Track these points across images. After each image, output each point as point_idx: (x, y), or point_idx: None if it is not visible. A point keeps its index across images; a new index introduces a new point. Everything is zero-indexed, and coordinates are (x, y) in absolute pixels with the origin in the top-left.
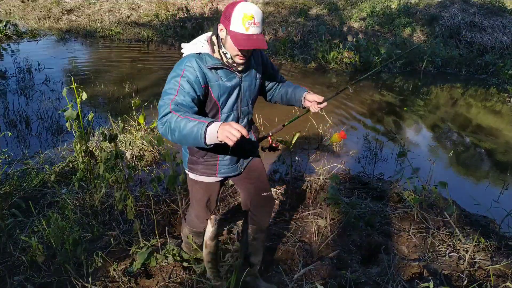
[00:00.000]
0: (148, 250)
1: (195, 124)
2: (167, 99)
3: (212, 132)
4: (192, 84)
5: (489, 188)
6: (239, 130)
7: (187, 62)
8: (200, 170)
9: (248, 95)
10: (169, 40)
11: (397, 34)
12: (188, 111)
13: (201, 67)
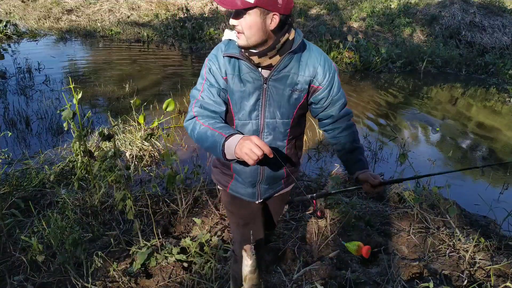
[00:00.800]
0: (148, 250)
1: (214, 136)
2: (193, 97)
3: (230, 147)
4: (215, 74)
5: (489, 188)
6: (260, 147)
7: (214, 49)
8: (215, 174)
9: (275, 106)
10: (169, 40)
11: (397, 34)
12: (212, 113)
13: (221, 54)
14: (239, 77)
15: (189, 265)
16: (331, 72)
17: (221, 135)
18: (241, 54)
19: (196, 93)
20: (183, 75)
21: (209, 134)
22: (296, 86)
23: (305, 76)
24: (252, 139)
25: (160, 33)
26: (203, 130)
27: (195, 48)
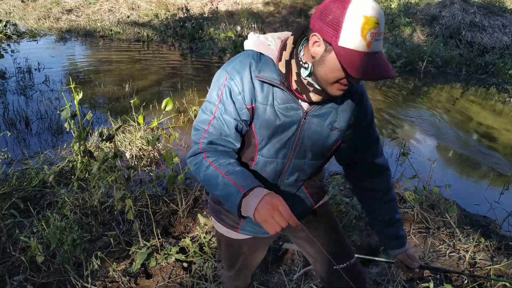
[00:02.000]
0: (148, 250)
1: (229, 187)
2: (201, 125)
3: (249, 206)
4: (236, 101)
5: (490, 188)
6: (285, 218)
7: (237, 63)
8: (220, 216)
9: (309, 144)
10: (169, 40)
11: (397, 34)
12: (224, 148)
13: (253, 75)
14: (273, 107)
15: (189, 265)
16: (370, 105)
17: (238, 189)
18: (281, 83)
19: (204, 119)
20: (183, 75)
21: (220, 181)
22: (336, 124)
23: (347, 112)
24: (277, 204)
25: (160, 33)
26: (213, 173)
27: (195, 48)
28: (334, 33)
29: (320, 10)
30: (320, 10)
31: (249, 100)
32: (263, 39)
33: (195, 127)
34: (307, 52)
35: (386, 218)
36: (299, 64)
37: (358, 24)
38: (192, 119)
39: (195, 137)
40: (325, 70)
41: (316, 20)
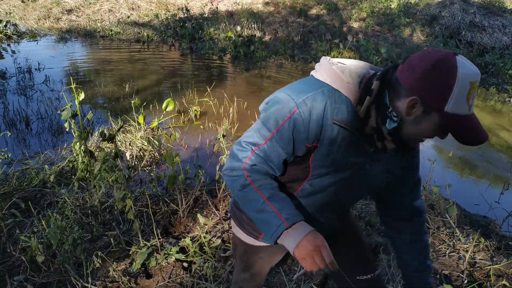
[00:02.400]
0: (148, 250)
1: (269, 215)
2: (249, 146)
3: (289, 241)
4: (297, 137)
5: (490, 188)
6: (325, 261)
7: (310, 98)
8: (242, 223)
9: (364, 185)
10: (169, 40)
11: (397, 34)
12: (267, 173)
13: (326, 117)
14: (339, 148)
15: (189, 265)
16: (419, 148)
17: (281, 221)
18: (354, 127)
19: (254, 142)
20: (183, 75)
21: (261, 206)
22: (392, 168)
23: (403, 157)
24: (319, 246)
25: (160, 33)
26: (253, 195)
27: (195, 48)
28: (442, 100)
29: (423, 73)
30: (423, 74)
31: (313, 139)
32: (340, 73)
33: (241, 144)
34: (395, 104)
35: (415, 263)
36: (386, 115)
37: (465, 91)
38: (192, 119)
39: (240, 154)
40: (419, 130)
41: (417, 82)
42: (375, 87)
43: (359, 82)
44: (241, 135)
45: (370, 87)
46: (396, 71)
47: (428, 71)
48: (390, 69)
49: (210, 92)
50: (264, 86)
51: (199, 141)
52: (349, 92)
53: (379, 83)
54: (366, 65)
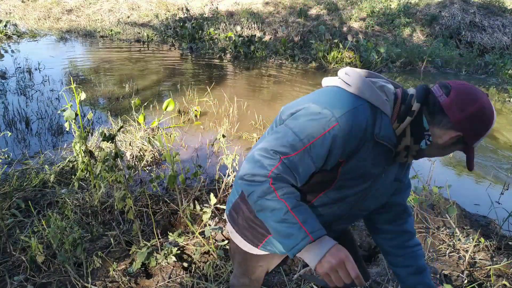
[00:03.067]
0: (148, 250)
1: (292, 224)
2: (277, 155)
3: (311, 254)
4: (332, 152)
5: (490, 188)
6: (353, 277)
7: (351, 115)
8: (241, 229)
9: (379, 196)
10: (169, 40)
11: (397, 34)
12: (291, 186)
13: (367, 134)
14: (369, 162)
15: (189, 265)
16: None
17: (306, 233)
18: (393, 144)
19: (282, 151)
20: (183, 75)
21: (284, 216)
22: (399, 176)
23: (405, 163)
24: (344, 260)
25: (160, 33)
26: (276, 204)
27: (195, 48)
28: (475, 138)
29: (471, 115)
30: (471, 116)
31: (347, 154)
32: (379, 90)
33: (268, 151)
34: (433, 129)
35: (413, 264)
36: (422, 136)
37: (486, 132)
38: (192, 119)
39: (265, 161)
40: (442, 153)
41: (465, 122)
42: (416, 109)
43: (394, 99)
44: (241, 135)
45: (409, 107)
46: (439, 99)
47: (476, 115)
48: (426, 92)
49: (210, 92)
50: (264, 86)
51: (199, 141)
52: (388, 109)
53: (419, 106)
54: (390, 83)
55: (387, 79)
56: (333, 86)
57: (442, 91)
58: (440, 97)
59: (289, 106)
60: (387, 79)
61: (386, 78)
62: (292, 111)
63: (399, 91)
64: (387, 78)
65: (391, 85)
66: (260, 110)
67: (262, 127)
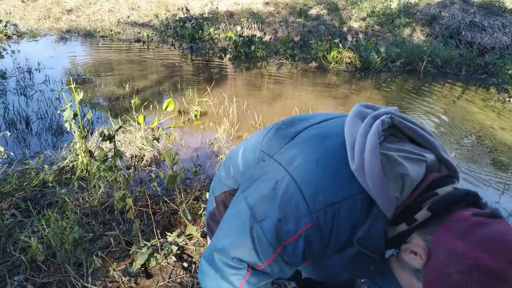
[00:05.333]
0: (148, 250)
1: None
2: (240, 263)
3: None
4: (306, 256)
5: (490, 188)
6: None
7: (333, 210)
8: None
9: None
10: (169, 40)
11: (397, 34)
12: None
13: (351, 236)
14: (346, 265)
15: (189, 265)
16: None
17: None
18: (379, 253)
19: (250, 259)
20: (183, 75)
21: None
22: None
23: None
24: None
25: (160, 33)
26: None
27: (195, 48)
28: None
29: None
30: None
31: (323, 252)
32: (394, 181)
33: (230, 258)
34: (406, 250)
35: None
36: (394, 246)
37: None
38: (192, 119)
39: (231, 275)
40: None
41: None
42: (420, 219)
43: (411, 192)
44: (241, 135)
45: (415, 209)
46: (440, 234)
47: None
48: (445, 207)
49: (210, 92)
50: (264, 85)
51: (199, 141)
52: (391, 211)
53: (428, 216)
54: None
55: (433, 141)
56: (337, 139)
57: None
58: (444, 239)
59: (272, 146)
60: (432, 141)
61: (429, 138)
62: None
63: (431, 177)
64: (431, 139)
65: (422, 165)
66: (260, 110)
67: (262, 127)
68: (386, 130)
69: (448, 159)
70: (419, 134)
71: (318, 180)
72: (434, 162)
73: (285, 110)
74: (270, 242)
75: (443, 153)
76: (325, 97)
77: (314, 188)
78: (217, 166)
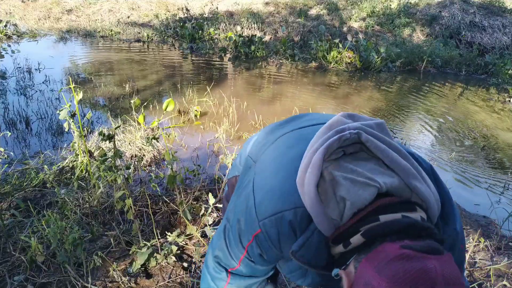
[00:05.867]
0: (148, 250)
1: None
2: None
3: None
4: (269, 259)
5: (490, 188)
6: None
7: (274, 221)
8: None
9: None
10: (169, 40)
11: (397, 34)
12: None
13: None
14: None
15: (189, 265)
16: None
17: None
18: (320, 266)
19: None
20: (183, 75)
21: None
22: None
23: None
24: None
25: (160, 33)
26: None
27: (195, 48)
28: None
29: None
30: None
31: (281, 255)
32: (333, 203)
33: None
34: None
35: None
36: (343, 261)
37: None
38: (192, 119)
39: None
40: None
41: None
42: (354, 244)
43: (352, 215)
44: (241, 135)
45: (354, 232)
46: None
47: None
48: (380, 235)
49: (210, 92)
50: (264, 85)
51: (199, 141)
52: (327, 229)
53: (362, 242)
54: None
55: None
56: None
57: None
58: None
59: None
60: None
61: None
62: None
63: (379, 202)
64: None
65: (369, 190)
66: (260, 110)
67: (262, 127)
68: (353, 146)
69: (416, 186)
70: (387, 155)
71: (268, 188)
72: (396, 186)
73: (285, 110)
74: (236, 243)
75: (412, 179)
76: (325, 97)
77: (262, 196)
78: (217, 166)
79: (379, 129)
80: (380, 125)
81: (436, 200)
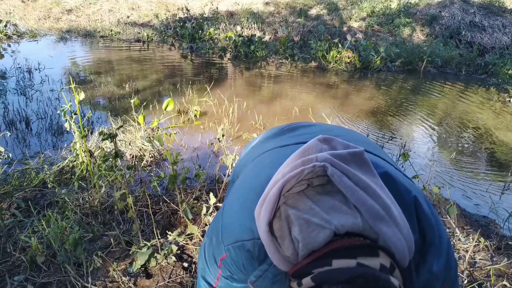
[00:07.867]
0: (148, 250)
1: None
2: (205, 284)
3: None
4: (241, 279)
5: (490, 188)
6: None
7: (237, 248)
8: None
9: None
10: (169, 40)
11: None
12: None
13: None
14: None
15: (189, 265)
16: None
17: None
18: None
19: (208, 278)
20: (183, 75)
21: None
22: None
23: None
24: None
25: (160, 33)
26: None
27: (195, 48)
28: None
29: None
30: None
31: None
32: (287, 243)
33: (201, 280)
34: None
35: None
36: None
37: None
38: (192, 119)
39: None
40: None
41: None
42: (305, 285)
43: (307, 255)
44: (241, 135)
45: (307, 273)
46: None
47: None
48: (326, 282)
49: (210, 92)
50: (264, 85)
51: (199, 141)
52: (281, 265)
53: (309, 286)
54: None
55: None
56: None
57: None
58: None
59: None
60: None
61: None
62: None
63: (335, 244)
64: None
65: (323, 232)
66: (260, 110)
67: (262, 127)
68: (320, 178)
69: (381, 229)
70: (352, 193)
71: (233, 213)
72: (359, 228)
73: (285, 110)
74: (211, 262)
75: (378, 221)
76: (325, 96)
77: (228, 220)
78: (217, 166)
79: (354, 159)
80: (356, 155)
81: (409, 242)
